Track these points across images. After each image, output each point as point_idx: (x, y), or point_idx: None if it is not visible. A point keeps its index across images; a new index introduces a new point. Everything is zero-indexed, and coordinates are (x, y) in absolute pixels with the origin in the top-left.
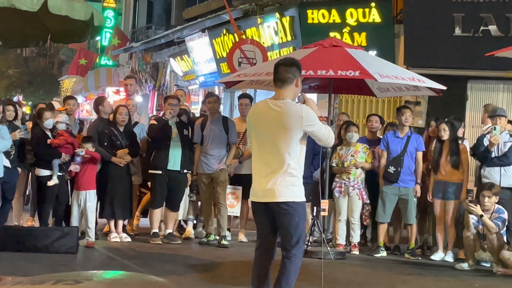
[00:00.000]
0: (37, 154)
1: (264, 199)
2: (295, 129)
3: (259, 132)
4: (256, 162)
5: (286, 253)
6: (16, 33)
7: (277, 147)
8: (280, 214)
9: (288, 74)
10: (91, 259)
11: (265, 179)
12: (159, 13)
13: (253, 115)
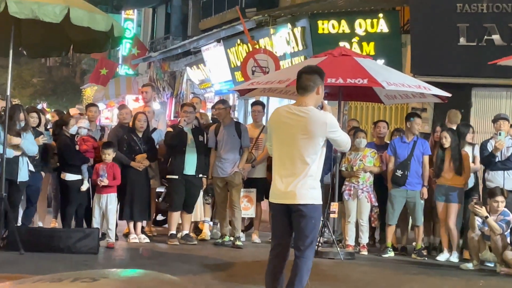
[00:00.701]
0: (64, 159)
1: (285, 200)
2: (319, 135)
3: (281, 136)
4: (278, 165)
5: (300, 253)
6: (40, 43)
7: (300, 151)
8: (299, 216)
9: (309, 82)
10: (111, 259)
11: (287, 182)
12: (176, 24)
13: (275, 119)
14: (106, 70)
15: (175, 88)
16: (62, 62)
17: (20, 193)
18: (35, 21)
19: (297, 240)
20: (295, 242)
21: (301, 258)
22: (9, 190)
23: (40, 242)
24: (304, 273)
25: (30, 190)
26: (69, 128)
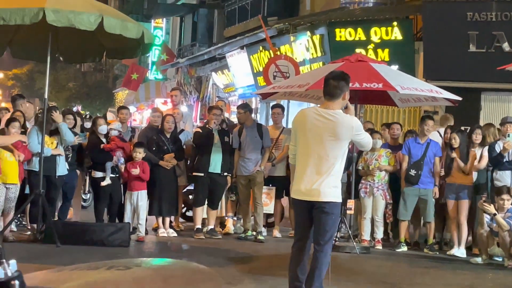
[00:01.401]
0: (92, 157)
1: (308, 197)
2: (346, 138)
3: (308, 136)
4: (303, 163)
5: (319, 248)
6: (76, 50)
7: (327, 152)
8: (321, 212)
9: (337, 89)
10: (141, 251)
11: (311, 180)
12: (202, 32)
13: (301, 120)
14: (137, 75)
15: (201, 92)
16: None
17: (57, 189)
18: (71, 29)
19: (317, 235)
20: (315, 237)
21: (321, 252)
22: (47, 187)
23: (75, 235)
24: (323, 267)
25: (66, 187)
26: (97, 127)
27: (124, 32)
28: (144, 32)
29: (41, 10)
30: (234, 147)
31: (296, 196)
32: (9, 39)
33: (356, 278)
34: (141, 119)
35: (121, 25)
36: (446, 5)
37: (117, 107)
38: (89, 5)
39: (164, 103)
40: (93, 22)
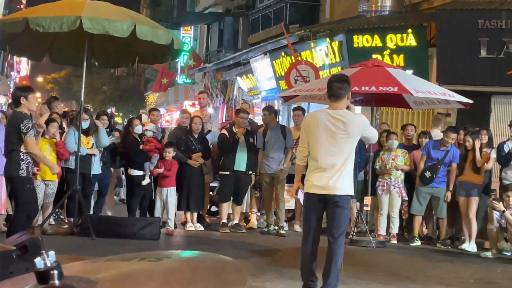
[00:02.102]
0: (130, 157)
1: (324, 191)
2: (357, 134)
3: (321, 136)
4: (318, 160)
5: (334, 240)
6: (110, 55)
7: (341, 149)
8: (335, 206)
9: (341, 90)
10: (171, 244)
11: (327, 175)
12: (228, 39)
13: (312, 122)
14: (167, 80)
15: (227, 95)
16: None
17: (92, 186)
18: (106, 36)
19: (331, 228)
20: (330, 230)
21: (336, 245)
22: (83, 183)
23: (109, 229)
24: (339, 258)
25: (101, 183)
26: (134, 128)
27: (155, 38)
28: (174, 38)
29: (78, 18)
30: (259, 147)
31: (311, 190)
32: (48, 46)
33: (372, 271)
34: (170, 120)
35: (153, 32)
36: (458, 13)
37: (149, 109)
38: (122, 13)
39: (192, 105)
40: (126, 30)
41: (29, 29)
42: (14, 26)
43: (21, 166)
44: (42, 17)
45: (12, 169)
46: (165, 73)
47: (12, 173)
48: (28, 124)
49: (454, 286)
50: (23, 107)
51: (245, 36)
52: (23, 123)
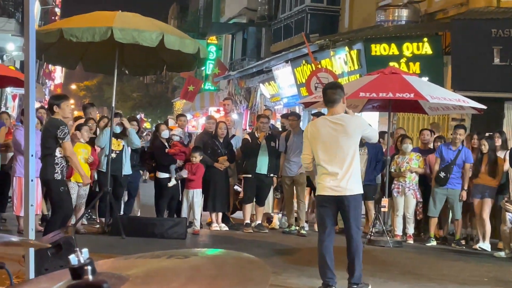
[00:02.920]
0: (157, 160)
1: (338, 193)
2: (357, 135)
3: (326, 142)
4: (326, 165)
5: (353, 238)
6: (139, 64)
7: (345, 151)
8: (350, 204)
9: (335, 95)
10: (197, 243)
11: (337, 178)
12: (251, 48)
13: (314, 130)
14: (193, 87)
15: (250, 101)
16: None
17: (123, 187)
18: (136, 45)
19: (349, 227)
20: (347, 229)
21: (356, 242)
22: (114, 185)
23: (138, 228)
24: (360, 254)
25: (131, 185)
26: (161, 133)
27: (182, 48)
28: (200, 48)
29: (109, 29)
30: (281, 151)
31: (324, 193)
32: (81, 55)
33: (389, 269)
34: (196, 125)
35: (180, 41)
36: (472, 22)
37: (176, 115)
38: (151, 24)
39: (217, 111)
40: (155, 39)
41: (63, 39)
42: (49, 36)
43: (56, 170)
44: (75, 28)
45: (48, 173)
46: (191, 80)
47: (48, 176)
48: (64, 130)
49: (468, 284)
50: (57, 115)
51: (268, 45)
52: (59, 129)
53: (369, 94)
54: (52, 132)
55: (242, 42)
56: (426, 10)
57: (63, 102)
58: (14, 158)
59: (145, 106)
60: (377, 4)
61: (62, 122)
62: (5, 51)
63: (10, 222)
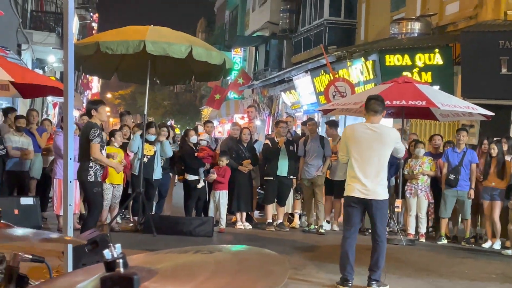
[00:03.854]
0: (186, 163)
1: (367, 196)
2: (391, 145)
3: (362, 146)
4: (359, 168)
5: (380, 239)
6: (170, 74)
7: (378, 158)
8: (377, 208)
9: (379, 107)
10: (222, 240)
11: (368, 181)
12: (273, 59)
13: (352, 133)
14: (219, 95)
15: (272, 108)
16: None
17: (154, 189)
18: (166, 57)
19: (376, 229)
20: (375, 230)
21: (381, 243)
22: (146, 187)
23: (168, 227)
24: (384, 253)
25: (162, 187)
26: (189, 138)
27: (209, 59)
28: (226, 59)
29: (142, 42)
30: (300, 155)
31: (354, 194)
32: (116, 66)
33: (403, 266)
34: (222, 131)
35: (207, 53)
36: (481, 34)
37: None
38: (181, 37)
39: (242, 118)
40: (184, 51)
41: (99, 51)
42: (86, 49)
43: (90, 172)
44: (110, 41)
45: (83, 175)
46: (218, 89)
47: (83, 178)
48: (95, 132)
49: (477, 280)
50: (95, 118)
51: (289, 56)
52: (91, 131)
53: None
54: (86, 134)
55: (265, 53)
56: (437, 23)
57: (100, 106)
58: (55, 162)
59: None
60: (391, 17)
61: (95, 125)
62: (46, 62)
63: (50, 220)
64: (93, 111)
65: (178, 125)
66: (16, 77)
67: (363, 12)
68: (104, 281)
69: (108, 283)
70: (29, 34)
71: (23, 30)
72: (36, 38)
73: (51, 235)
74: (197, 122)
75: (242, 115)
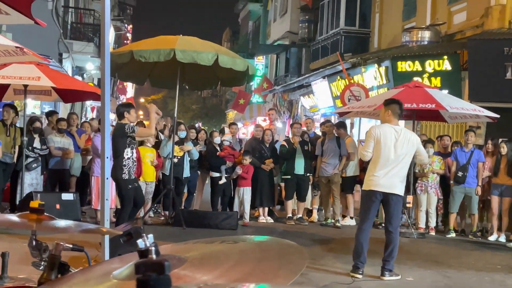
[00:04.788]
0: (210, 162)
1: (385, 190)
2: (413, 147)
3: (387, 145)
4: (382, 164)
5: (394, 230)
6: (198, 80)
7: (398, 157)
8: (394, 202)
9: (401, 111)
10: (246, 233)
11: (388, 177)
12: (293, 66)
13: (380, 133)
14: (243, 100)
15: (292, 111)
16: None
17: (183, 186)
18: (194, 64)
19: (390, 221)
20: (389, 222)
21: (395, 234)
22: (176, 184)
23: (197, 220)
24: (397, 245)
25: (190, 184)
26: (213, 139)
27: (234, 66)
28: (249, 66)
29: (172, 50)
30: (317, 154)
31: (373, 188)
32: (148, 73)
33: (414, 258)
34: (246, 132)
35: (232, 61)
36: (487, 42)
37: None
38: (208, 46)
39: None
40: (211, 59)
41: (133, 59)
42: (121, 57)
43: (124, 171)
44: (143, 50)
45: (117, 173)
46: (242, 94)
47: (117, 176)
48: (130, 126)
49: (483, 271)
50: (126, 120)
51: (307, 63)
52: (125, 127)
53: None
54: (118, 134)
55: (285, 61)
56: (446, 31)
57: (132, 109)
58: (93, 161)
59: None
60: (402, 26)
61: (124, 123)
62: (85, 70)
63: (89, 214)
64: (126, 113)
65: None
66: (57, 84)
67: (377, 21)
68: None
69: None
70: (69, 44)
71: (64, 40)
72: (76, 48)
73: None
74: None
75: (264, 118)
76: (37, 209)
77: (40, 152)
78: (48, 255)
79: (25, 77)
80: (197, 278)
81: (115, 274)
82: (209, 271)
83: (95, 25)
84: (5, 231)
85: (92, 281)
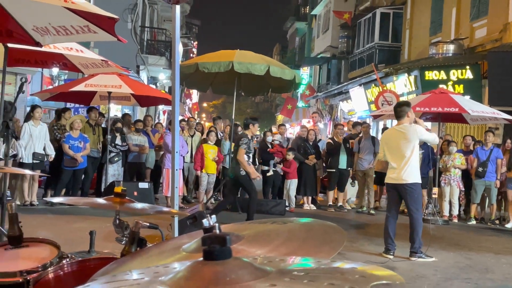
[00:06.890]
0: (262, 157)
1: (396, 181)
2: (415, 139)
3: (392, 144)
4: (390, 161)
5: (413, 215)
6: (252, 87)
7: (403, 151)
8: (407, 191)
9: (401, 112)
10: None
11: (397, 171)
12: (334, 75)
13: (385, 136)
14: (291, 106)
15: (332, 115)
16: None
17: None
18: (249, 74)
19: (409, 209)
20: (409, 210)
21: (413, 218)
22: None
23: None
24: (419, 228)
25: None
26: (266, 138)
27: (283, 75)
28: (296, 75)
29: (231, 62)
30: (354, 151)
31: (388, 181)
32: (210, 81)
33: (439, 241)
34: (293, 132)
35: (281, 71)
36: (505, 54)
37: (278, 125)
38: (261, 58)
39: (308, 122)
40: (263, 70)
41: (198, 70)
42: (188, 68)
43: (240, 168)
44: (207, 62)
45: (236, 170)
46: (289, 100)
47: (236, 173)
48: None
49: (500, 254)
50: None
51: (346, 73)
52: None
53: (423, 108)
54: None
55: (326, 71)
56: (468, 45)
57: (256, 123)
58: (164, 155)
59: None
60: (430, 40)
61: (246, 135)
62: (158, 79)
63: (161, 201)
64: (251, 125)
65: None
66: (136, 91)
67: (407, 36)
68: (204, 240)
69: (207, 241)
70: (145, 58)
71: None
72: (151, 61)
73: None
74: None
75: (308, 120)
76: (120, 194)
77: (121, 148)
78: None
79: (109, 85)
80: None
81: (184, 247)
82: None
83: (167, 42)
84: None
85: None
